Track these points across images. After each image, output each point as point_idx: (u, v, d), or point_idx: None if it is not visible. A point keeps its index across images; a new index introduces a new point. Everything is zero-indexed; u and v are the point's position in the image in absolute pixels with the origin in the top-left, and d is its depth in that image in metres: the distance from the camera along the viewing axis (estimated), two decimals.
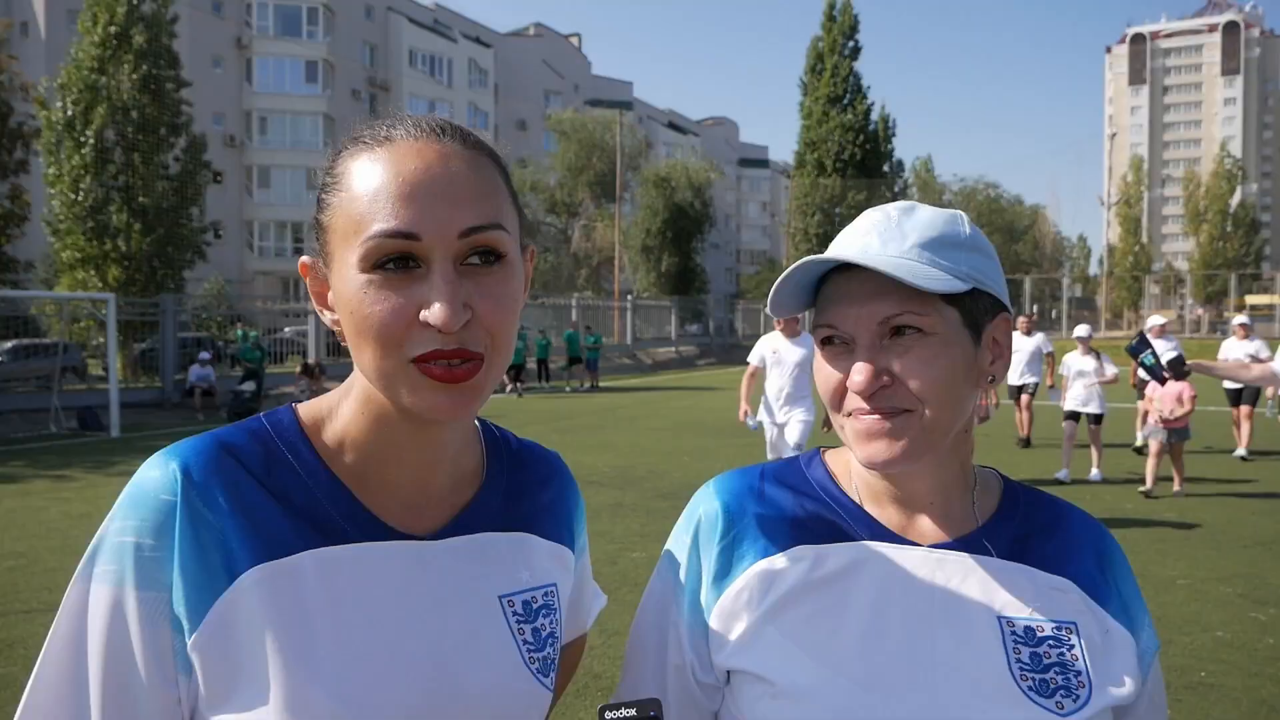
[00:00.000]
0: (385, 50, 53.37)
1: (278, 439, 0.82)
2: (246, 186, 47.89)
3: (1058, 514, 0.97)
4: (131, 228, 21.50)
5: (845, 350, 0.87)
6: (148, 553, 0.75)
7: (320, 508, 0.80)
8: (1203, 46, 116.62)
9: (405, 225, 0.72)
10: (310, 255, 0.82)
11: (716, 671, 0.95)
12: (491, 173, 0.78)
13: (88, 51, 21.26)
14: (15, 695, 4.08)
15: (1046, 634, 0.88)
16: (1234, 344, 11.24)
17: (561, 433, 13.52)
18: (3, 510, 8.21)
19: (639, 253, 46.37)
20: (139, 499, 0.77)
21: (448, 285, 0.72)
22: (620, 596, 5.47)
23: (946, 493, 0.93)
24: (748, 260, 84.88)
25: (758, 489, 0.98)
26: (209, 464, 0.78)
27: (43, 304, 21.30)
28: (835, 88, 43.59)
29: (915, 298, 0.84)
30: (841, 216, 43.77)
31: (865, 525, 0.94)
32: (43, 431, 14.59)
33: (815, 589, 0.91)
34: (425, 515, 0.85)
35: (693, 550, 0.97)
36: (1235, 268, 59.77)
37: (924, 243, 0.87)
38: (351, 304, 0.74)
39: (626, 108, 53.11)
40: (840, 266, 0.88)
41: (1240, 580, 5.74)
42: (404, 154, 0.74)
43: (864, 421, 0.86)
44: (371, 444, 0.82)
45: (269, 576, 0.76)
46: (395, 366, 0.74)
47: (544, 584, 0.91)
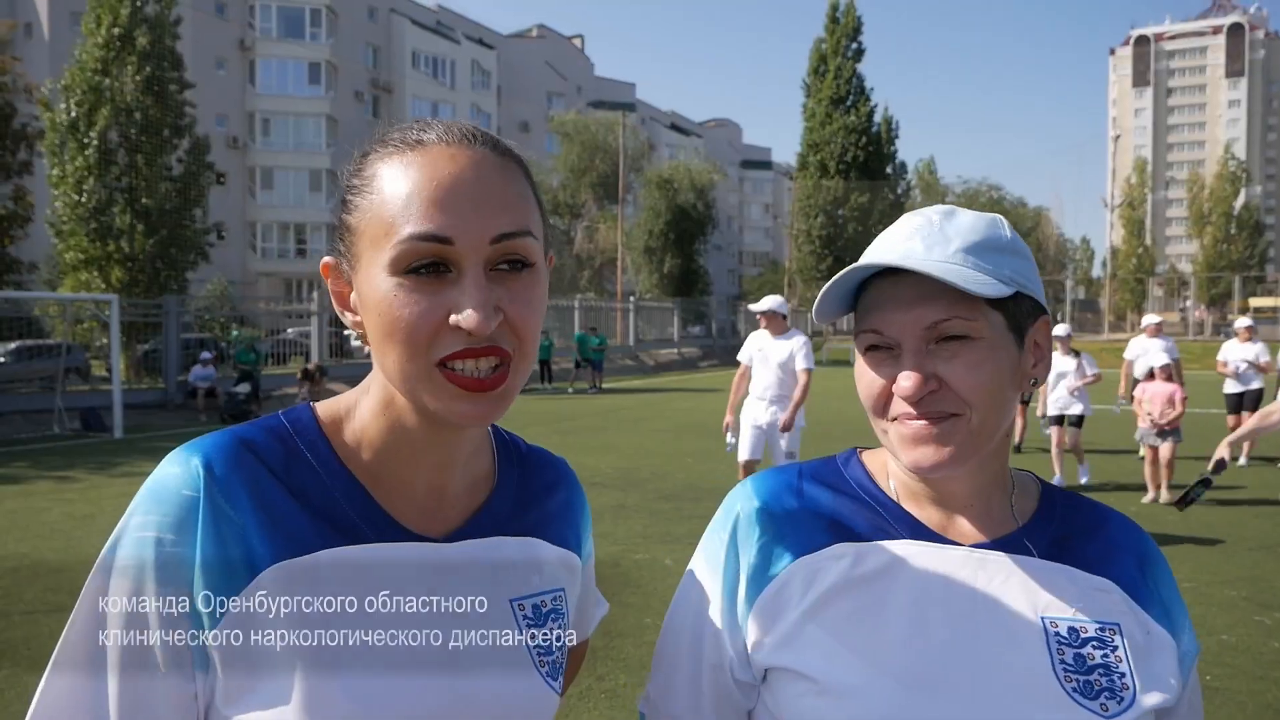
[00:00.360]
0: (388, 52, 53.41)
1: (297, 437, 0.82)
2: (249, 188, 47.94)
3: (1098, 517, 0.97)
4: (135, 229, 21.56)
5: (889, 356, 0.87)
6: (168, 548, 0.75)
7: (338, 507, 0.80)
8: (1207, 48, 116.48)
9: (439, 229, 0.72)
10: (333, 256, 0.82)
11: (754, 669, 0.95)
12: (521, 181, 0.78)
13: (91, 53, 21.33)
14: (20, 695, 4.09)
15: (1090, 635, 0.88)
16: (1235, 346, 10.98)
17: (564, 434, 13.52)
18: (5, 511, 8.22)
19: (641, 254, 46.40)
20: (160, 494, 0.77)
21: (479, 290, 0.72)
22: (623, 598, 5.46)
23: (985, 494, 0.93)
24: (750, 262, 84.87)
25: (796, 487, 0.98)
26: (230, 460, 0.78)
27: (46, 305, 21.33)
28: (838, 89, 43.63)
29: (962, 302, 0.84)
30: (844, 218, 43.79)
31: (906, 524, 0.93)
32: (46, 432, 14.61)
33: (856, 587, 0.91)
34: (439, 517, 0.85)
35: (730, 548, 0.97)
36: (1239, 270, 59.70)
37: (968, 247, 0.87)
38: (380, 306, 0.74)
39: (629, 109, 53.13)
40: (884, 271, 0.87)
41: (1245, 584, 5.73)
42: (437, 159, 0.75)
43: (910, 427, 0.85)
44: (389, 445, 0.83)
45: (288, 574, 0.76)
46: (421, 369, 0.74)
47: (553, 588, 0.91)
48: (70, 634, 0.76)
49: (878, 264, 0.85)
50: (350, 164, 0.81)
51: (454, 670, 0.80)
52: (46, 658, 0.71)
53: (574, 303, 31.79)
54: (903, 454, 0.87)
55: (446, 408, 0.75)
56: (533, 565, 0.90)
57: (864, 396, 0.90)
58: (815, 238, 43.94)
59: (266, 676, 0.75)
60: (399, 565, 0.80)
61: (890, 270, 0.87)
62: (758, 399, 6.98)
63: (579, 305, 31.49)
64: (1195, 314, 50.06)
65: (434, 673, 0.79)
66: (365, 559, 0.79)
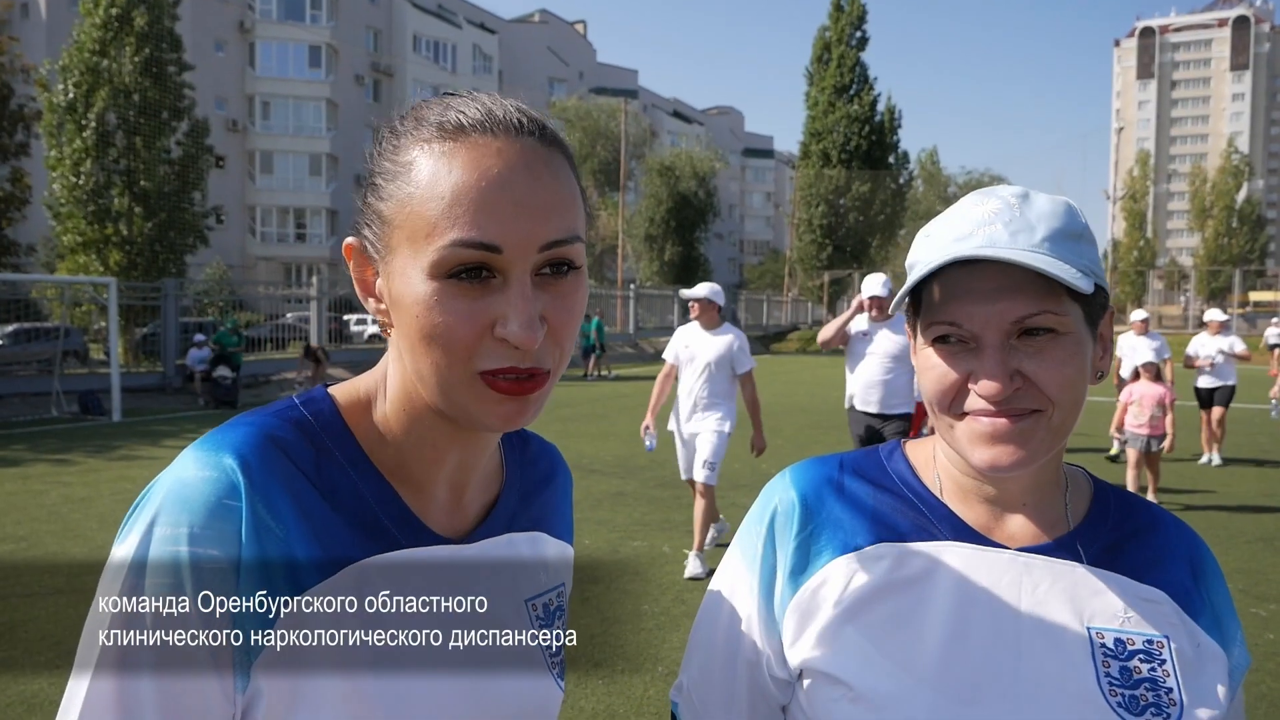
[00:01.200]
0: (389, 35, 53.14)
1: (323, 432, 0.78)
2: (249, 171, 47.76)
3: (1151, 519, 0.93)
4: (133, 212, 21.51)
5: (964, 350, 0.82)
6: (207, 564, 0.69)
7: (369, 510, 0.77)
8: (1212, 41, 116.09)
9: (487, 238, 0.68)
10: (357, 239, 0.77)
11: (790, 667, 0.92)
12: (568, 176, 0.74)
13: (89, 34, 21.22)
14: (17, 677, 4.10)
15: (1137, 647, 0.85)
16: (1206, 339, 10.19)
17: (563, 421, 13.52)
18: (3, 494, 8.22)
19: (642, 241, 46.32)
20: (192, 502, 0.70)
21: (526, 302, 0.69)
22: (622, 585, 5.44)
23: (1041, 493, 0.89)
24: (751, 251, 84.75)
25: (836, 480, 0.94)
26: (266, 464, 0.73)
27: (44, 288, 21.28)
28: (842, 78, 43.44)
29: (1050, 296, 0.80)
30: (846, 208, 43.71)
31: (949, 524, 0.90)
32: (44, 415, 14.62)
33: (896, 590, 0.88)
34: (457, 516, 0.83)
35: (768, 542, 0.94)
36: (1240, 264, 59.65)
37: (1051, 235, 0.82)
38: (416, 308, 0.70)
39: (631, 96, 52.92)
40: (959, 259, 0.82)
41: (1241, 576, 5.74)
42: (483, 153, 0.70)
43: (986, 424, 0.81)
44: (411, 443, 0.80)
45: (333, 590, 0.73)
46: (462, 377, 0.71)
47: (556, 584, 0.90)
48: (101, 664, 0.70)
49: (973, 254, 0.79)
50: (381, 142, 0.76)
51: (480, 673, 0.79)
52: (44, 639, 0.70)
53: None
54: (974, 452, 0.83)
55: (486, 414, 0.73)
56: (540, 562, 0.89)
57: (931, 391, 0.85)
58: (817, 227, 43.84)
59: (308, 701, 0.72)
60: (430, 570, 0.79)
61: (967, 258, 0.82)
62: (682, 404, 5.99)
63: None
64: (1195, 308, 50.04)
65: (462, 676, 0.78)
66: (400, 566, 0.77)
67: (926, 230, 0.89)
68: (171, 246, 22.24)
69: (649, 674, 4.22)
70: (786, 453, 9.56)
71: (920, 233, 0.90)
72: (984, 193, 0.87)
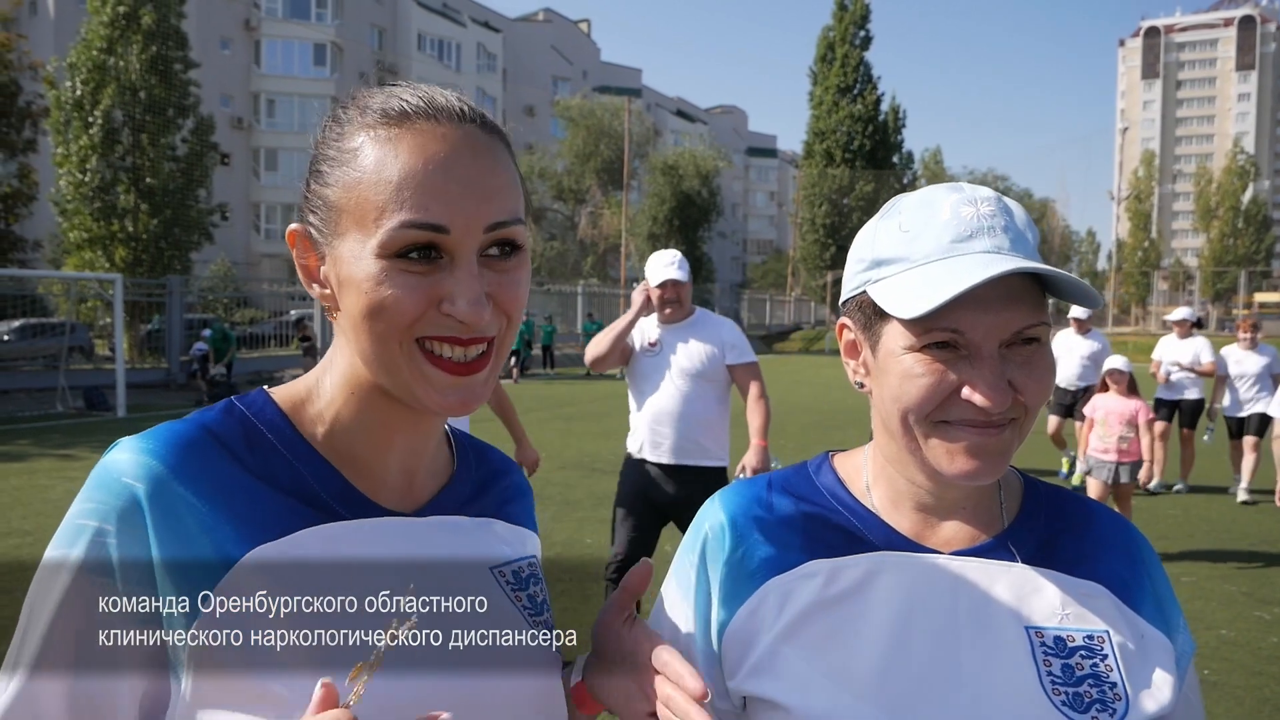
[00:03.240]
0: (394, 34, 53.17)
1: (255, 419, 0.79)
2: (253, 169, 47.85)
3: (1084, 514, 0.92)
4: (139, 208, 21.57)
5: (956, 357, 0.80)
6: (109, 539, 0.71)
7: (308, 486, 0.78)
8: (1217, 41, 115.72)
9: (434, 219, 0.70)
10: (300, 225, 0.79)
11: (733, 697, 0.90)
12: (508, 161, 0.77)
13: (96, 31, 21.29)
14: None
15: (1078, 644, 0.83)
16: (1172, 343, 8.64)
17: (566, 419, 13.53)
18: (9, 488, 8.25)
19: (645, 240, 46.27)
20: (105, 482, 0.72)
21: (473, 280, 0.71)
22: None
23: (979, 495, 0.89)
24: (754, 250, 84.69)
25: (765, 500, 0.93)
26: (187, 447, 0.74)
27: (50, 284, 21.39)
28: (845, 77, 43.42)
29: (1041, 306, 0.80)
30: (849, 207, 43.67)
31: (881, 533, 0.88)
32: (49, 410, 14.66)
33: (831, 606, 0.86)
34: (409, 497, 0.84)
35: (700, 568, 0.92)
36: (1245, 265, 59.52)
37: (1036, 241, 0.82)
38: (364, 287, 0.72)
39: (635, 95, 52.91)
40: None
41: (1244, 578, 5.73)
42: (428, 139, 0.72)
43: (972, 434, 0.80)
44: (358, 427, 0.80)
45: (272, 557, 0.73)
46: (403, 348, 0.73)
47: (525, 555, 0.89)
48: (27, 634, 0.72)
49: (1021, 268, 0.76)
50: (325, 129, 0.77)
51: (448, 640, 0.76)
52: None
53: (577, 289, 31.75)
54: (952, 462, 0.81)
55: (428, 394, 0.73)
56: (498, 538, 0.89)
57: (916, 399, 0.81)
58: (820, 226, 43.83)
59: (256, 667, 0.70)
60: (380, 539, 0.78)
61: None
62: None
63: (582, 291, 31.45)
64: (1200, 309, 49.93)
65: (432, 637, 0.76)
66: (347, 535, 0.77)
67: (898, 222, 0.84)
68: (177, 243, 22.30)
69: None
70: (790, 453, 9.55)
71: (890, 224, 0.85)
72: (956, 188, 0.84)
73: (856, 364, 0.89)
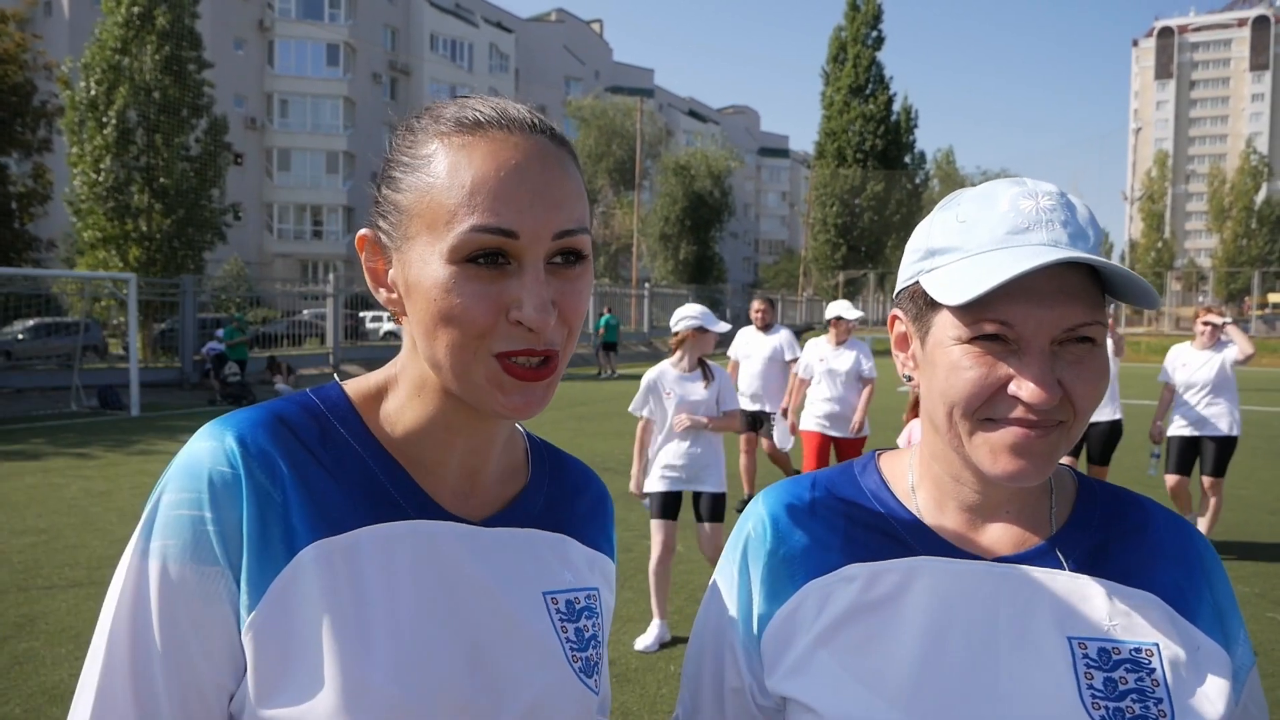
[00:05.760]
0: (406, 34, 53.31)
1: (330, 414, 0.82)
2: (266, 169, 48.05)
3: (1141, 517, 0.88)
4: (152, 208, 21.69)
5: (1005, 351, 0.78)
6: (208, 526, 0.73)
7: (376, 483, 0.79)
8: (1231, 41, 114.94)
9: (505, 223, 0.72)
10: (371, 230, 0.80)
11: (772, 696, 0.90)
12: (576, 173, 0.78)
13: (111, 32, 21.41)
14: (38, 669, 4.14)
15: (1123, 657, 0.80)
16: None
17: (579, 419, 13.54)
18: (24, 487, 8.31)
19: (657, 240, 46.29)
20: (195, 470, 0.75)
21: (540, 286, 0.72)
22: (635, 584, 5.48)
23: (1026, 497, 0.87)
24: (766, 250, 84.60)
25: (808, 501, 0.92)
26: (267, 435, 0.77)
27: (64, 283, 21.51)
28: (857, 78, 43.29)
29: (1098, 305, 0.78)
30: (861, 207, 43.55)
31: (923, 538, 0.87)
32: (63, 409, 14.74)
33: (869, 611, 0.85)
34: (473, 502, 0.85)
35: (742, 568, 0.93)
36: (1259, 265, 59.08)
37: (1097, 240, 0.79)
38: (434, 291, 0.73)
39: (647, 95, 52.93)
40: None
41: (1258, 580, 5.70)
42: (500, 146, 0.74)
43: (1019, 435, 0.77)
44: (424, 428, 0.82)
45: (327, 553, 0.75)
46: (477, 360, 0.74)
47: (586, 587, 0.90)
48: (115, 622, 0.74)
49: (1074, 257, 0.74)
50: (399, 137, 0.79)
51: (484, 656, 0.79)
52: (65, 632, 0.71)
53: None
54: (995, 461, 0.79)
55: (501, 401, 0.75)
56: (564, 562, 0.89)
57: (961, 393, 0.79)
58: (831, 226, 43.71)
59: (300, 664, 0.73)
60: (439, 543, 0.80)
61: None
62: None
63: (594, 291, 31.48)
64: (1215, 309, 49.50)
65: (466, 656, 0.78)
66: (406, 535, 0.79)
67: (957, 214, 0.83)
68: (190, 243, 22.40)
69: (662, 672, 4.23)
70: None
71: (947, 215, 0.84)
72: (1018, 183, 0.83)
73: (906, 356, 0.88)
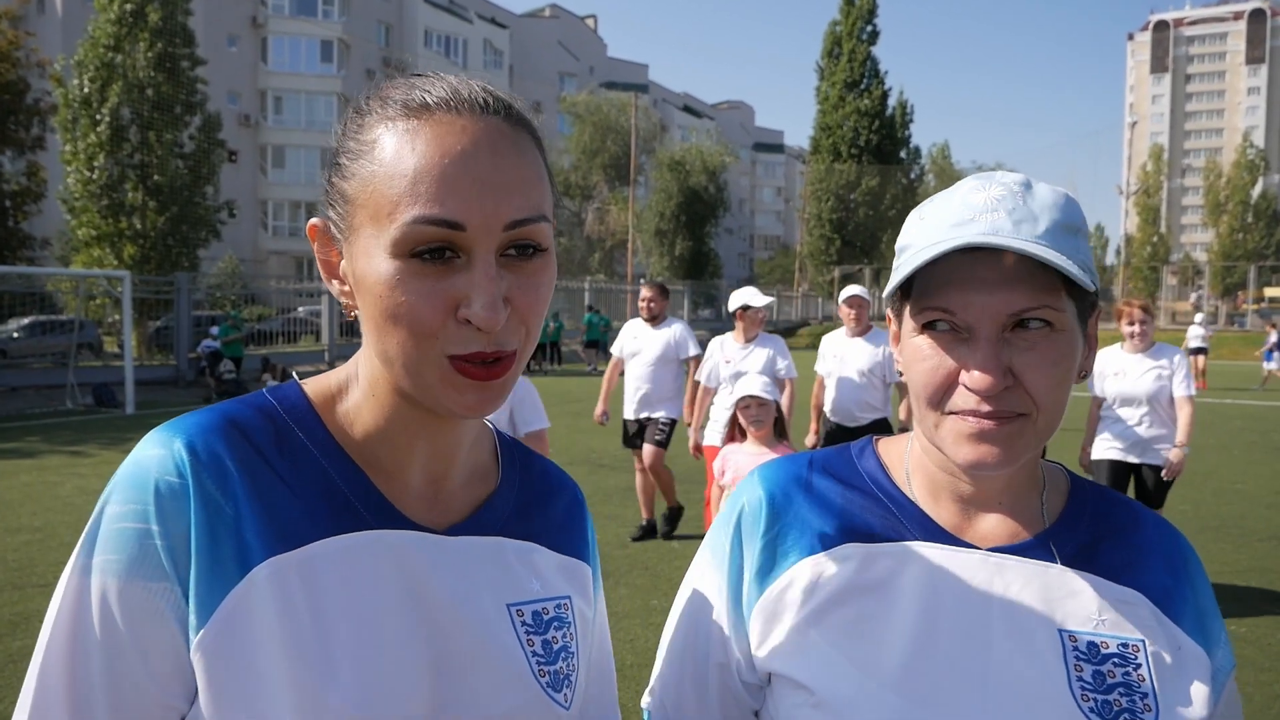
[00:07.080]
0: (400, 30, 53.19)
1: (287, 416, 0.77)
2: (261, 166, 47.94)
3: (1130, 518, 0.90)
4: (146, 206, 21.64)
5: (955, 340, 0.79)
6: (155, 540, 0.69)
7: (336, 491, 0.75)
8: (1227, 35, 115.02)
9: (450, 215, 0.67)
10: (322, 220, 0.76)
11: (759, 672, 0.91)
12: (534, 155, 0.73)
13: (104, 29, 21.35)
14: None
15: (1111, 651, 0.82)
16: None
17: (573, 415, 13.53)
18: (19, 485, 8.28)
19: (652, 236, 46.25)
20: (141, 480, 0.70)
21: (490, 282, 0.68)
22: (630, 580, 5.48)
23: (1017, 491, 0.87)
24: (761, 245, 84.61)
25: (805, 479, 0.92)
26: (219, 441, 0.72)
27: (59, 281, 21.47)
28: (852, 72, 43.29)
29: (1050, 289, 0.77)
30: (856, 202, 43.56)
31: (919, 524, 0.87)
32: (58, 407, 14.71)
33: (862, 592, 0.86)
34: (438, 509, 0.80)
35: (735, 542, 0.92)
36: (1255, 259, 59.19)
37: (1054, 227, 0.79)
38: (379, 288, 0.69)
39: (642, 90, 52.89)
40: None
41: (1255, 575, 5.71)
42: (447, 131, 0.69)
43: (972, 424, 0.78)
44: (383, 429, 0.78)
45: (282, 570, 0.70)
46: (428, 360, 0.69)
47: (556, 596, 0.85)
48: (53, 639, 0.70)
49: (982, 242, 0.76)
50: (346, 122, 0.74)
51: (447, 671, 0.75)
52: None
53: (584, 285, 31.76)
54: (958, 450, 0.80)
55: (453, 400, 0.71)
56: (533, 571, 0.84)
57: (919, 383, 0.81)
58: (827, 221, 43.73)
59: (256, 684, 0.68)
60: (400, 554, 0.75)
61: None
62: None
63: (589, 287, 31.46)
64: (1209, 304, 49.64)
65: (428, 674, 0.74)
66: (366, 546, 0.74)
67: (920, 212, 0.85)
68: (184, 240, 22.36)
69: None
70: (799, 448, 9.54)
71: (913, 213, 0.86)
72: (984, 178, 0.84)
73: (898, 351, 0.89)
